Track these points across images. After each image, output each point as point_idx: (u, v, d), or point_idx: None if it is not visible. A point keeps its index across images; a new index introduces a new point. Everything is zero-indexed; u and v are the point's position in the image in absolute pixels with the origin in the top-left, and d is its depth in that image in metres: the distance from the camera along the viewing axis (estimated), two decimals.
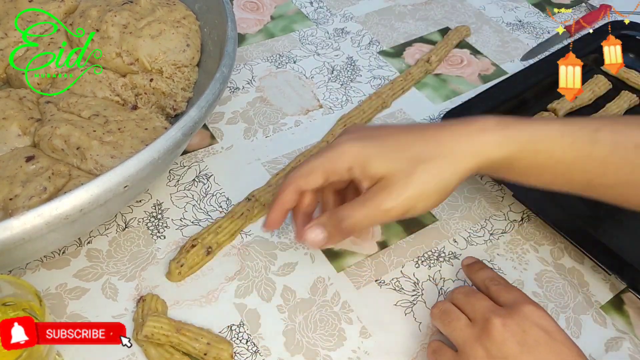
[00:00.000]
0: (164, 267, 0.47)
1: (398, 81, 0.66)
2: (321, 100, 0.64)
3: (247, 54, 0.69)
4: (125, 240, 0.49)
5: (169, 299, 0.45)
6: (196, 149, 0.57)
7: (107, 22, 0.54)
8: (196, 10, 0.60)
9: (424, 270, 0.49)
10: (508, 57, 0.72)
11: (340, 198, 0.44)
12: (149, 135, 0.49)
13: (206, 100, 0.44)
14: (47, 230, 0.36)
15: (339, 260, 0.49)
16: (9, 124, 0.48)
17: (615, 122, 0.40)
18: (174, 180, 0.54)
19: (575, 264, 0.51)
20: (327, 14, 0.77)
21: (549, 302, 0.47)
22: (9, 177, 0.44)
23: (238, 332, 0.44)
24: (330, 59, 0.69)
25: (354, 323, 0.45)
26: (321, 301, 0.46)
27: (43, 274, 0.46)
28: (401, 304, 0.47)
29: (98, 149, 0.46)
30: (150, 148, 0.40)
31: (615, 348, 0.45)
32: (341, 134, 0.42)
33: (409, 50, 0.72)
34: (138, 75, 0.54)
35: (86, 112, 0.50)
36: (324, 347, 0.43)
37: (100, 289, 0.45)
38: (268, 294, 0.46)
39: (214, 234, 0.48)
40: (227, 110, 0.62)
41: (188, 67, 0.56)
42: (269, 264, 0.48)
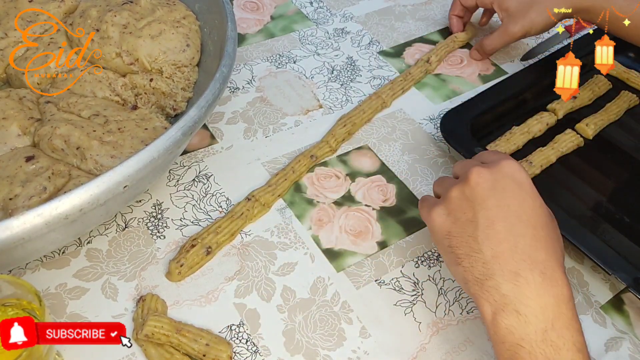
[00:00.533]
0: (163, 267, 0.47)
1: (398, 81, 0.66)
2: (321, 100, 0.64)
3: (247, 54, 0.69)
4: (125, 240, 0.49)
5: (169, 299, 0.45)
6: (196, 149, 0.57)
7: (107, 22, 0.54)
8: (196, 10, 0.60)
9: (423, 270, 0.49)
10: (508, 57, 0.72)
11: None
12: (149, 135, 0.49)
13: (206, 100, 0.44)
14: (47, 230, 0.36)
15: (339, 260, 0.49)
16: (9, 124, 0.48)
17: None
18: (174, 180, 0.54)
19: (575, 264, 0.51)
20: (327, 14, 0.77)
21: None
22: (9, 177, 0.44)
23: (238, 332, 0.44)
24: (330, 59, 0.69)
25: (353, 323, 0.45)
26: (321, 301, 0.46)
27: (43, 274, 0.46)
28: (401, 304, 0.47)
29: (98, 149, 0.46)
30: (150, 148, 0.40)
31: (615, 348, 0.45)
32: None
33: (409, 50, 0.72)
34: (138, 75, 0.54)
35: (86, 112, 0.50)
36: (324, 347, 0.43)
37: (100, 289, 0.45)
38: (268, 294, 0.46)
39: (214, 233, 0.48)
40: (227, 110, 0.62)
41: (188, 67, 0.56)
42: (268, 264, 0.48)
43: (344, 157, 0.58)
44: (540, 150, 0.57)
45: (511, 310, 0.35)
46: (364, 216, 0.53)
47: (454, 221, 0.40)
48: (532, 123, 0.60)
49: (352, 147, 0.59)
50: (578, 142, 0.59)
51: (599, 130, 0.61)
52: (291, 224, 0.51)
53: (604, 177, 0.58)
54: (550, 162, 0.57)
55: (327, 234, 0.51)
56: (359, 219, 0.53)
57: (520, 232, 0.37)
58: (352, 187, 0.55)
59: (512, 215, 0.38)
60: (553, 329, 0.35)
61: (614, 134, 0.62)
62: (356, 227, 0.52)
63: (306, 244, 0.50)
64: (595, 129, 0.61)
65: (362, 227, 0.52)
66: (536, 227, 0.38)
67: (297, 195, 0.54)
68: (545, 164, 0.57)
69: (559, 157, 0.58)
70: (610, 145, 0.61)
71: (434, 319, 0.46)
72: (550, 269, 0.36)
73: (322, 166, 0.57)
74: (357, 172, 0.57)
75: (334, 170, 0.57)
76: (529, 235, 0.37)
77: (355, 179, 0.56)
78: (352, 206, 0.54)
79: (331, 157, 0.58)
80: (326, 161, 0.57)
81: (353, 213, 0.53)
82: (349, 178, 0.56)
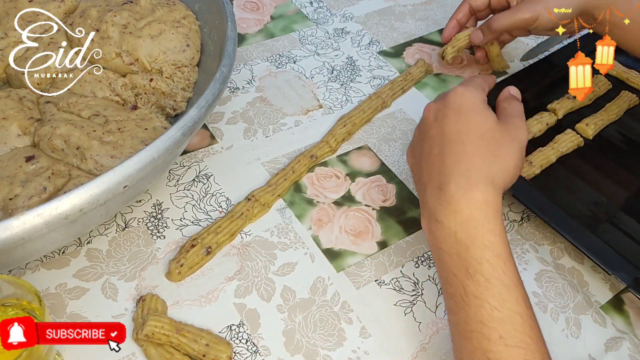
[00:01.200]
0: (163, 267, 0.47)
1: (398, 81, 0.66)
2: (321, 100, 0.64)
3: (247, 54, 0.69)
4: (125, 240, 0.49)
5: (169, 299, 0.45)
6: (196, 149, 0.57)
7: (107, 22, 0.54)
8: (196, 10, 0.60)
9: (423, 270, 0.49)
10: (508, 57, 0.72)
11: None
12: (148, 135, 0.49)
13: (206, 100, 0.44)
14: (47, 230, 0.36)
15: (338, 260, 0.49)
16: (9, 124, 0.48)
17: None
18: (174, 180, 0.54)
19: (575, 264, 0.51)
20: (327, 14, 0.77)
21: (549, 302, 0.47)
22: (9, 177, 0.44)
23: (238, 332, 0.44)
24: (330, 59, 0.69)
25: (353, 323, 0.45)
26: (321, 301, 0.46)
27: (43, 274, 0.46)
28: (401, 304, 0.47)
29: (98, 149, 0.46)
30: (150, 148, 0.40)
31: (615, 348, 0.45)
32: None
33: (408, 50, 0.72)
34: (138, 75, 0.54)
35: (86, 112, 0.50)
36: (324, 347, 0.43)
37: (100, 289, 0.45)
38: (268, 293, 0.46)
39: (214, 233, 0.48)
40: (227, 110, 0.62)
41: (188, 67, 0.56)
42: (268, 264, 0.48)
43: (344, 157, 0.58)
44: (540, 150, 0.57)
45: (434, 220, 0.41)
46: (364, 216, 0.53)
47: (413, 155, 0.46)
48: (532, 123, 0.60)
49: (352, 147, 0.59)
50: (578, 142, 0.59)
51: (599, 130, 0.61)
52: (291, 224, 0.51)
53: (604, 177, 0.58)
54: (550, 162, 0.57)
55: (327, 234, 0.51)
56: (359, 219, 0.53)
57: (448, 151, 0.42)
58: (352, 187, 0.55)
59: (445, 139, 0.42)
60: (463, 230, 0.39)
61: (614, 134, 0.62)
62: (356, 227, 0.52)
63: (306, 244, 0.50)
64: (595, 129, 0.61)
65: (362, 227, 0.52)
66: (464, 143, 0.41)
67: (297, 195, 0.54)
68: (545, 164, 0.57)
69: (559, 157, 0.58)
70: (610, 145, 0.61)
71: (434, 319, 0.46)
72: (466, 178, 0.40)
73: (322, 166, 0.57)
74: (357, 172, 0.57)
75: (334, 170, 0.57)
76: (454, 152, 0.41)
77: (355, 179, 0.56)
78: (352, 206, 0.54)
79: (331, 157, 0.58)
80: (326, 161, 0.57)
81: (353, 213, 0.53)
82: (349, 178, 0.56)
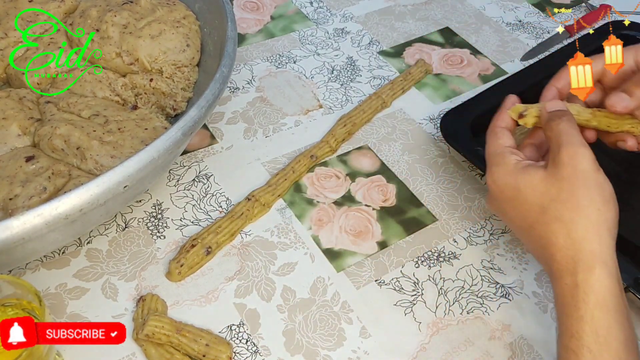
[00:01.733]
0: (163, 267, 0.47)
1: (398, 81, 0.66)
2: (321, 100, 0.64)
3: (247, 54, 0.69)
4: (125, 240, 0.49)
5: (169, 299, 0.45)
6: (196, 149, 0.57)
7: (107, 22, 0.54)
8: (196, 10, 0.60)
9: (423, 270, 0.49)
10: (508, 57, 0.72)
11: None
12: (149, 135, 0.49)
13: (206, 100, 0.44)
14: (47, 230, 0.36)
15: (339, 260, 0.49)
16: (9, 124, 0.48)
17: None
18: (174, 180, 0.54)
19: None
20: (327, 14, 0.77)
21: (549, 303, 0.47)
22: (9, 177, 0.44)
23: (238, 332, 0.44)
24: (330, 59, 0.69)
25: (353, 323, 0.45)
26: (321, 301, 0.46)
27: (43, 274, 0.46)
28: (401, 304, 0.47)
29: (98, 149, 0.46)
30: (150, 148, 0.40)
31: None
32: None
33: (408, 50, 0.72)
34: (138, 75, 0.54)
35: (86, 112, 0.50)
36: (324, 347, 0.43)
37: (100, 289, 0.45)
38: (268, 293, 0.46)
39: (214, 233, 0.48)
40: (227, 110, 0.62)
41: (188, 67, 0.56)
42: (268, 264, 0.48)
43: (344, 157, 0.58)
44: None
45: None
46: (364, 216, 0.53)
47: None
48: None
49: (352, 147, 0.59)
50: None
51: None
52: (291, 224, 0.51)
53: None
54: None
55: (327, 234, 0.51)
56: (359, 219, 0.53)
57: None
58: (352, 187, 0.55)
59: (509, 223, 0.43)
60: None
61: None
62: (356, 227, 0.52)
63: (306, 244, 0.50)
64: None
65: (362, 227, 0.52)
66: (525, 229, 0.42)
67: (297, 195, 0.54)
68: None
69: None
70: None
71: (434, 319, 0.46)
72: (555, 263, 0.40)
73: (322, 166, 0.57)
74: (357, 172, 0.57)
75: (334, 170, 0.57)
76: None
77: (355, 179, 0.56)
78: (352, 206, 0.54)
79: (331, 157, 0.58)
80: (326, 161, 0.57)
81: (353, 213, 0.53)
82: (349, 178, 0.56)
